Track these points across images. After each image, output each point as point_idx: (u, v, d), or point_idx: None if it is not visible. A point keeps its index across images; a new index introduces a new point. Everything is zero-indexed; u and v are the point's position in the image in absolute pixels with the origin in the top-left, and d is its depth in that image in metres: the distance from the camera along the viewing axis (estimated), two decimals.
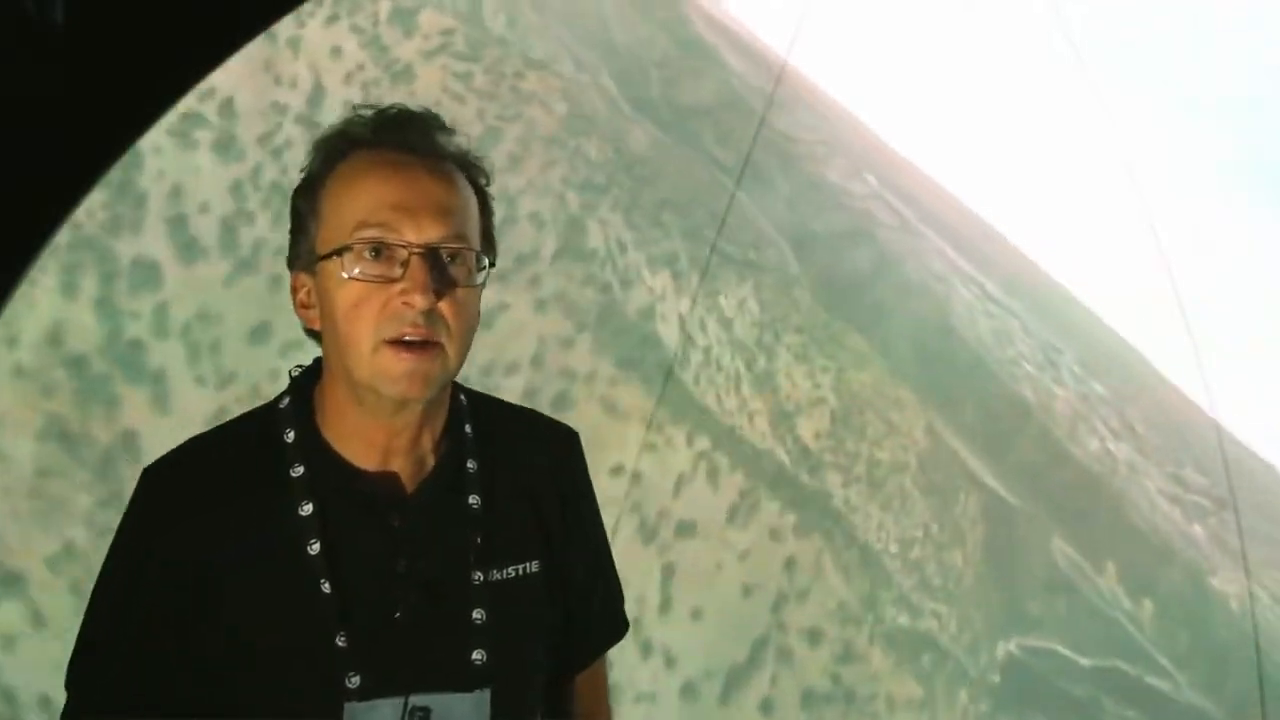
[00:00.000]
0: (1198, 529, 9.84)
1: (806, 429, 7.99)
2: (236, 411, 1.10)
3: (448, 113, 1.08)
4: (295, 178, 1.06)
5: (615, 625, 1.24)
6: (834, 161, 11.71)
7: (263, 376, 4.83)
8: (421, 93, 6.92)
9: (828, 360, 8.96)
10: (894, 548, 7.78)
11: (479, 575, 1.04)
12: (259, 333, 5.13)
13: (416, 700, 0.99)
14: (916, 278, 10.85)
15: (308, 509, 0.99)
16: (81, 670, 1.00)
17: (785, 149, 10.81)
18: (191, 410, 4.75)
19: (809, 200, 11.21)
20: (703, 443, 6.97)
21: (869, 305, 10.23)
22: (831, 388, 8.81)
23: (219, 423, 1.09)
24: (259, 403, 1.08)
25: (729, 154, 9.34)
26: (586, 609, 1.17)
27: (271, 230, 5.44)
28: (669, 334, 7.50)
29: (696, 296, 7.87)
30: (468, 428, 1.08)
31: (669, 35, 9.92)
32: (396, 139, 1.00)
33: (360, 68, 6.71)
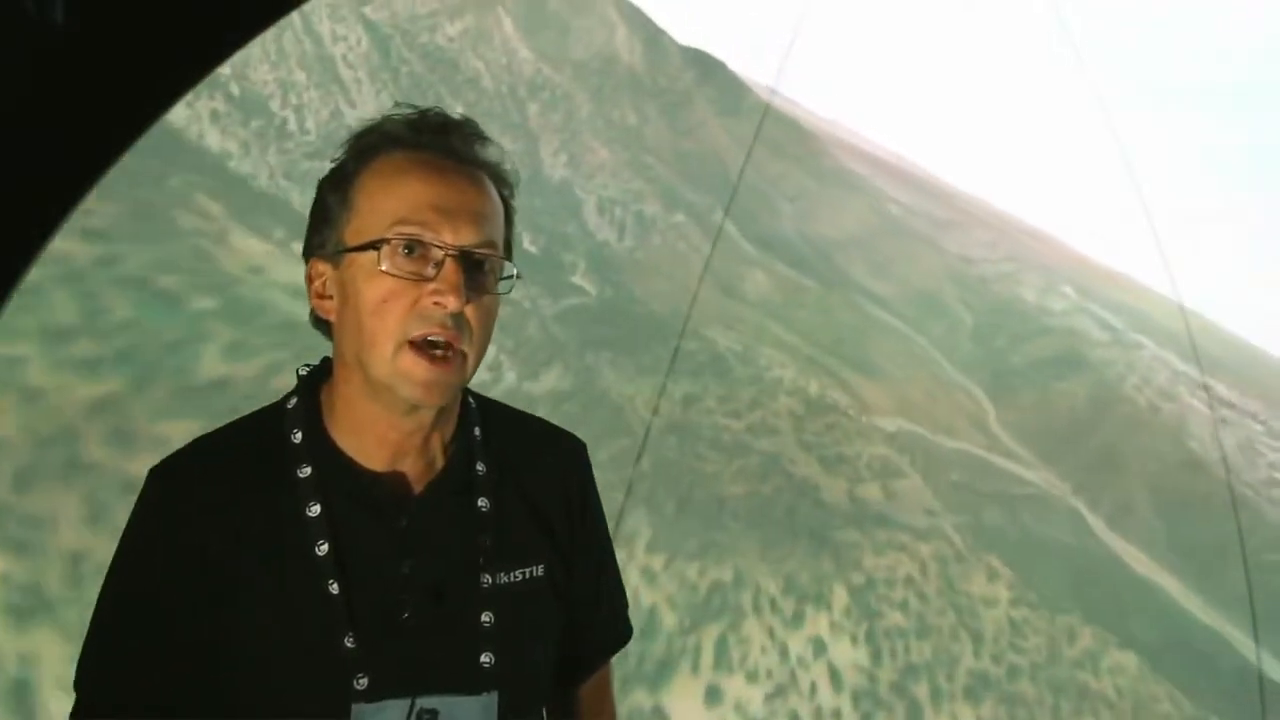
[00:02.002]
0: None
1: None
2: None
3: None
4: None
5: (619, 631, 1.33)
6: (1025, 277, 11.17)
7: None
8: None
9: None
10: None
11: (487, 578, 1.11)
12: None
13: (424, 702, 1.05)
14: (1143, 400, 9.98)
15: (315, 510, 1.06)
16: (89, 670, 1.07)
17: (962, 272, 10.50)
18: None
19: (1002, 329, 10.68)
20: None
21: (1094, 452, 9.27)
22: None
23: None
24: None
25: (887, 285, 9.10)
26: (591, 614, 1.25)
27: None
28: None
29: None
30: (477, 431, 1.17)
31: (804, 169, 10.04)
32: (439, 142, 1.10)
33: None
